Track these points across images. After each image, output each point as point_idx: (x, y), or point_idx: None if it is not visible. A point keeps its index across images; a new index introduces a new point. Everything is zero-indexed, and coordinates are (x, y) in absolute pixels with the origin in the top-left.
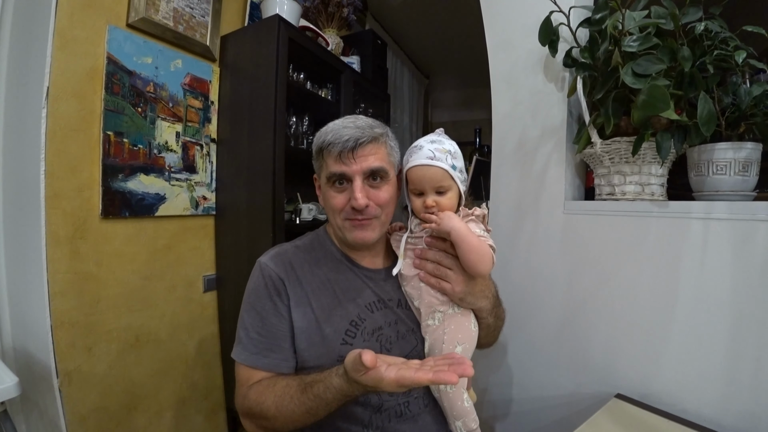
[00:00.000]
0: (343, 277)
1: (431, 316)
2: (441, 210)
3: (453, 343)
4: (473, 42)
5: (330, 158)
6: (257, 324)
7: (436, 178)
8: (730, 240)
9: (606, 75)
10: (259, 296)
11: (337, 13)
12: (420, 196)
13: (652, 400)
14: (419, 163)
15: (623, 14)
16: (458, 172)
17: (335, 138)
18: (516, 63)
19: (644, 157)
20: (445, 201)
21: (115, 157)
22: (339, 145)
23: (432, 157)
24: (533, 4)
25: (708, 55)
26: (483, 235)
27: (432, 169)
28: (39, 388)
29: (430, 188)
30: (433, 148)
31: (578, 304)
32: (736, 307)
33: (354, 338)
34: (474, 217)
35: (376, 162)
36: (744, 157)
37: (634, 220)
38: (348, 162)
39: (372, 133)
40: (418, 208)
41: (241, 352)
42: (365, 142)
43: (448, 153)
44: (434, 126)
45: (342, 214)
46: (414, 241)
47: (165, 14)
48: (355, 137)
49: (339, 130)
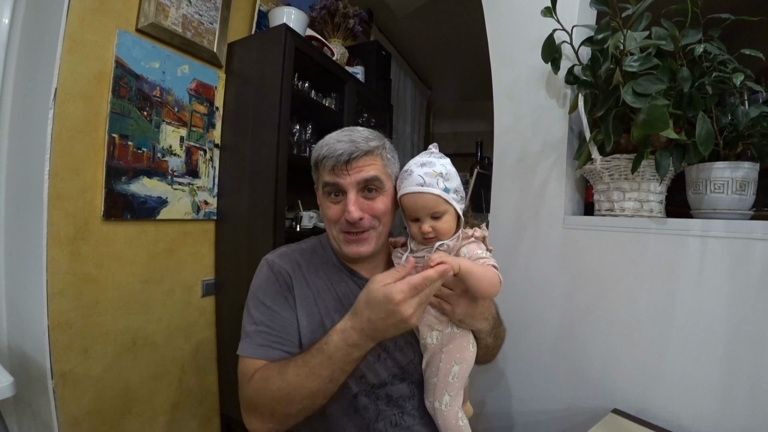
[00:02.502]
0: (344, 284)
1: (429, 334)
2: (439, 234)
3: (450, 363)
4: (476, 55)
5: (324, 171)
6: (267, 318)
7: (429, 205)
8: (727, 258)
9: (607, 93)
10: (269, 291)
11: (343, 24)
12: (416, 222)
13: (648, 415)
14: (409, 191)
15: (625, 35)
16: (453, 194)
17: (329, 152)
18: (518, 78)
19: (643, 174)
20: (441, 225)
21: (119, 159)
22: (332, 159)
23: (422, 183)
24: (537, 22)
25: (707, 76)
26: (484, 256)
27: (423, 197)
28: (33, 389)
29: (424, 215)
30: (422, 173)
31: (576, 318)
32: (732, 324)
33: None
34: (474, 239)
35: (370, 172)
36: (741, 177)
37: (633, 236)
38: (341, 174)
39: (366, 147)
40: (416, 233)
41: (248, 346)
42: (359, 156)
43: (440, 176)
44: (436, 136)
45: (337, 226)
46: (415, 258)
47: (174, 20)
48: (349, 151)
49: (333, 144)
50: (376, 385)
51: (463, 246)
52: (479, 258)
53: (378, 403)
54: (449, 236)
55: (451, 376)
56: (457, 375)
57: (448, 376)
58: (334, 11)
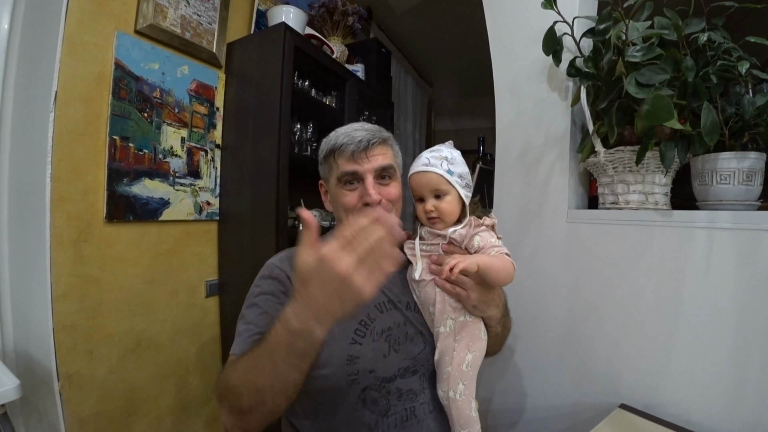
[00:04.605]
0: None
1: (443, 323)
2: (441, 214)
3: (464, 351)
4: (477, 51)
5: (342, 158)
6: (256, 317)
7: (432, 183)
8: (735, 249)
9: (610, 85)
10: (262, 293)
11: (342, 22)
12: (421, 202)
13: (656, 410)
14: (415, 171)
15: (627, 25)
16: (457, 177)
17: (348, 139)
18: (520, 72)
19: (648, 166)
20: (444, 205)
21: (120, 161)
22: (352, 146)
23: (427, 163)
24: (537, 14)
25: (711, 66)
26: (498, 244)
27: (427, 175)
28: (39, 391)
29: (428, 192)
30: (429, 155)
31: (582, 313)
32: (740, 317)
33: (363, 337)
34: (485, 227)
35: (385, 160)
36: (748, 167)
37: (638, 229)
38: (361, 161)
39: (381, 135)
40: (420, 213)
41: (236, 345)
42: (376, 142)
43: (444, 159)
44: (437, 134)
45: (353, 212)
46: (427, 247)
47: (173, 21)
48: (367, 138)
49: (350, 133)
50: (386, 379)
51: (477, 233)
52: (493, 246)
53: (389, 397)
54: (452, 218)
55: (465, 364)
56: (471, 363)
57: (462, 365)
58: (333, 9)
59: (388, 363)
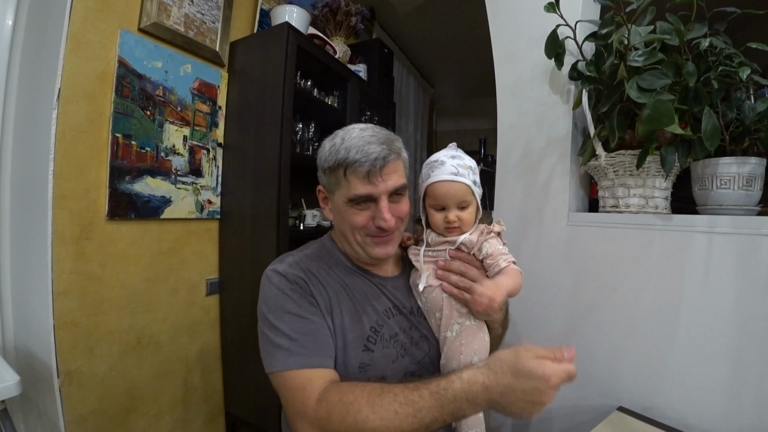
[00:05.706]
0: (359, 283)
1: (450, 328)
2: (462, 224)
3: (470, 355)
4: (479, 52)
5: (355, 177)
6: (299, 326)
7: (460, 194)
8: (734, 254)
9: (611, 89)
10: (290, 299)
11: (345, 22)
12: (441, 211)
13: (654, 413)
14: (443, 179)
15: (629, 29)
16: (477, 188)
17: (362, 156)
18: (522, 74)
19: (648, 170)
20: (466, 216)
21: (122, 159)
22: (368, 164)
23: (456, 173)
24: (540, 17)
25: (712, 71)
26: (506, 252)
27: (456, 185)
28: (39, 388)
29: (453, 204)
30: (455, 163)
31: (581, 315)
32: (739, 321)
33: (375, 344)
34: (494, 234)
35: (399, 180)
36: (748, 172)
37: (638, 233)
38: (376, 182)
39: (395, 148)
40: (438, 223)
41: (287, 358)
42: (391, 160)
43: (470, 169)
44: (439, 134)
45: (362, 231)
46: (433, 253)
47: (176, 20)
48: (383, 155)
49: (363, 147)
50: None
51: (486, 240)
52: (501, 254)
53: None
54: (470, 228)
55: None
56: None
57: None
58: (336, 9)
59: (396, 368)
